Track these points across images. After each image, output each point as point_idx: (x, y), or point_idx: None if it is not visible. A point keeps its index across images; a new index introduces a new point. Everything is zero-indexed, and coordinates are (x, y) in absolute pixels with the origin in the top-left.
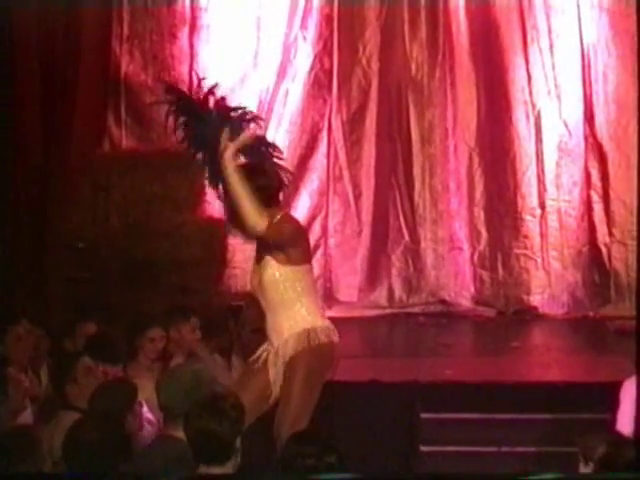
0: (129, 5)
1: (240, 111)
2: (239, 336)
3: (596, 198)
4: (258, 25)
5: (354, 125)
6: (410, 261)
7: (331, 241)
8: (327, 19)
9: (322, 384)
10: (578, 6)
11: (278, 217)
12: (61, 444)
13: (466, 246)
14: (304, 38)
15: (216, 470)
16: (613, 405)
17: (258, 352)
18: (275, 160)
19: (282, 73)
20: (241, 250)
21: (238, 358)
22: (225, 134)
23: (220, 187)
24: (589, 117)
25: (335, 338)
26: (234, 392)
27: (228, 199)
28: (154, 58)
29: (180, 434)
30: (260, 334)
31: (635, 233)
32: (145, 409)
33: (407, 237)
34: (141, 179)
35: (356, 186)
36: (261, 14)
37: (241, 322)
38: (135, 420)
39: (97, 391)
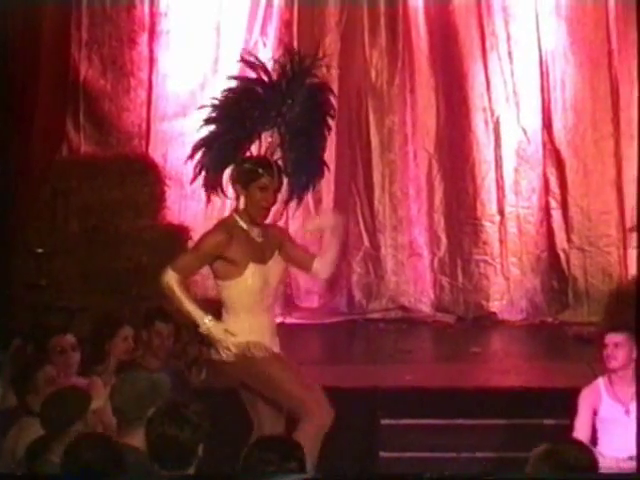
0: (88, 9)
1: None
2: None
3: (554, 204)
4: (218, 31)
5: None
6: (370, 267)
7: None
8: (287, 25)
9: None
10: (537, 14)
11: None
12: None
13: (426, 252)
14: (264, 44)
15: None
16: (571, 411)
17: (241, 347)
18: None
19: None
20: None
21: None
22: None
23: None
24: (547, 124)
25: None
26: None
27: None
28: (113, 63)
29: (134, 441)
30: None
31: (593, 239)
32: None
33: (367, 243)
34: (100, 184)
35: (316, 192)
36: (221, 20)
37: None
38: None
39: (49, 398)
